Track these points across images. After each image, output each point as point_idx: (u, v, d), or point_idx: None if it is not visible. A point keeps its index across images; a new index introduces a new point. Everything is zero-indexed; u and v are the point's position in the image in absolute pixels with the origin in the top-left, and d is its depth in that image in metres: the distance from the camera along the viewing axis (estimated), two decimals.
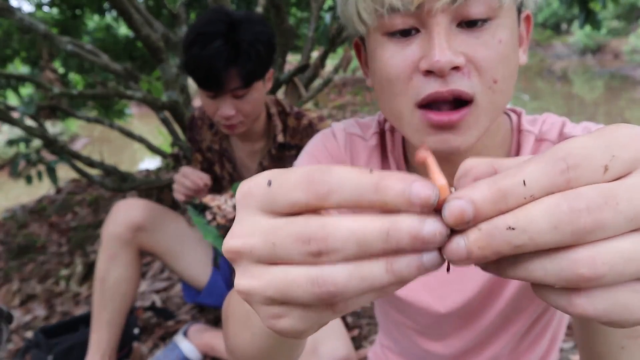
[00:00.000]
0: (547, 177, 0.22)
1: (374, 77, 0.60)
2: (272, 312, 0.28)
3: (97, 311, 1.37)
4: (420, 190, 0.22)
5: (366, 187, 0.23)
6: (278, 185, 0.26)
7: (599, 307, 0.23)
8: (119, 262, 1.36)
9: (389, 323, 0.86)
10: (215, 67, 1.17)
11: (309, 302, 0.25)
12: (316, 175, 0.24)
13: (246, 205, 0.28)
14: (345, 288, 0.24)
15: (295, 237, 0.25)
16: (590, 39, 14.25)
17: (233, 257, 0.28)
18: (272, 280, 0.26)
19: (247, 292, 0.28)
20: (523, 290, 0.67)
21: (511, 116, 0.69)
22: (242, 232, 0.28)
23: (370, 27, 0.56)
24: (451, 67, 0.50)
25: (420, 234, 0.23)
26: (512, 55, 0.55)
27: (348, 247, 0.24)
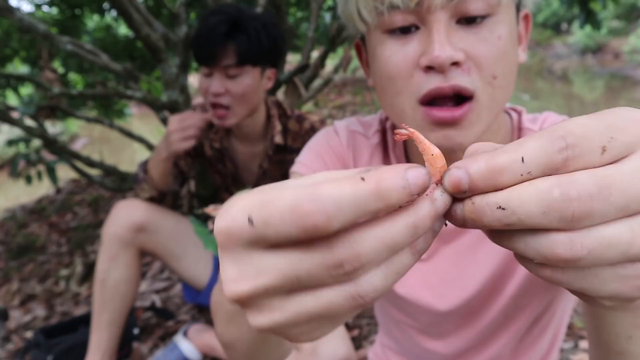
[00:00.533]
0: (546, 155, 0.22)
1: (375, 76, 0.60)
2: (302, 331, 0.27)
3: (97, 312, 1.37)
4: (417, 179, 0.22)
5: (367, 198, 0.22)
6: (262, 223, 0.23)
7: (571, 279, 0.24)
8: (120, 263, 1.36)
9: (389, 322, 0.86)
10: (210, 39, 1.21)
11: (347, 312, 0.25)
12: (305, 207, 0.22)
13: (232, 247, 0.25)
14: (386, 288, 0.24)
15: (323, 265, 0.23)
16: (590, 39, 14.25)
17: (244, 302, 0.26)
18: (301, 309, 0.25)
19: (272, 328, 0.26)
20: (524, 289, 0.67)
21: (512, 115, 0.69)
22: (243, 273, 0.25)
23: (370, 25, 0.56)
24: (451, 62, 0.51)
25: (437, 213, 0.24)
26: (511, 51, 0.55)
27: (381, 255, 0.23)
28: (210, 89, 1.27)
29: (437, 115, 0.53)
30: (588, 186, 0.22)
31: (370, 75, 0.67)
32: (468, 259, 0.69)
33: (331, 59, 3.37)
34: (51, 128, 6.63)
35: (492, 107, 0.55)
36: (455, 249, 0.70)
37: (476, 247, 0.69)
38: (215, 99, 1.27)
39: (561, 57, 14.80)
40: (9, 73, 2.68)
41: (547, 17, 17.85)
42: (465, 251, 0.69)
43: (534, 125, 0.66)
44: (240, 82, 1.27)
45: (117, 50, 3.23)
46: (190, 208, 2.24)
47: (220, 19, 1.22)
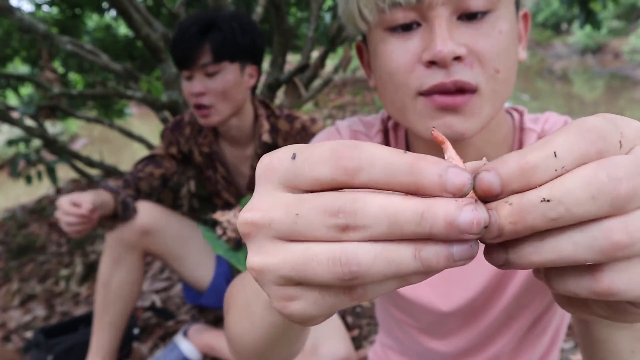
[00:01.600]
0: (579, 148, 0.22)
1: (376, 73, 0.60)
2: (284, 294, 0.26)
3: (99, 314, 1.37)
4: (456, 176, 0.21)
5: (400, 167, 0.22)
6: (303, 159, 0.24)
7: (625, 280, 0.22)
8: (123, 266, 1.36)
9: (390, 321, 0.86)
10: (186, 41, 1.22)
11: (327, 281, 0.24)
12: (345, 150, 0.23)
13: (267, 180, 0.26)
14: (369, 269, 0.23)
15: (322, 208, 0.23)
16: (590, 39, 14.25)
17: (248, 231, 0.26)
18: (289, 256, 0.25)
19: (259, 269, 0.26)
20: (526, 287, 0.67)
21: (513, 115, 0.69)
22: (261, 205, 0.26)
23: (371, 23, 0.57)
24: (453, 57, 0.51)
25: (455, 222, 0.21)
26: (512, 46, 0.55)
27: (378, 224, 0.22)
28: (191, 89, 1.27)
29: (438, 100, 0.53)
30: (630, 165, 0.21)
31: (371, 76, 0.67)
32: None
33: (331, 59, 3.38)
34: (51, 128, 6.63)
35: (495, 101, 0.55)
36: None
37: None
38: (197, 100, 1.28)
39: (561, 57, 14.80)
40: (9, 73, 2.68)
41: (547, 17, 17.85)
42: None
43: (536, 125, 0.66)
44: (220, 79, 1.27)
45: (117, 50, 3.23)
46: (190, 208, 2.24)
47: (194, 22, 1.24)
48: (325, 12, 2.96)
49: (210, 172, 1.50)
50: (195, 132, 1.48)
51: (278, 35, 2.07)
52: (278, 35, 2.07)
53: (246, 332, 0.46)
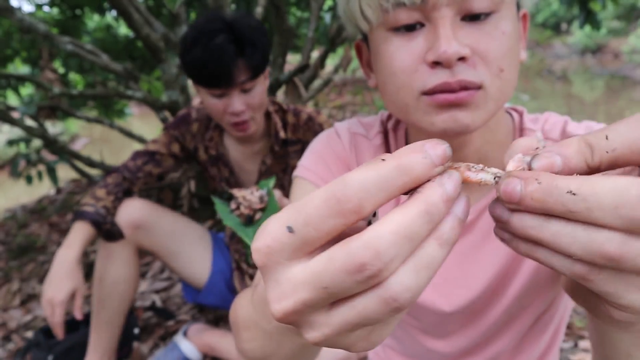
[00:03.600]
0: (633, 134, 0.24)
1: (378, 73, 0.60)
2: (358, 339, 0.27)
3: (96, 311, 1.37)
4: (436, 149, 0.23)
5: (390, 176, 0.23)
6: (303, 225, 0.24)
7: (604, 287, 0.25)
8: (117, 261, 1.36)
9: None
10: (223, 61, 1.17)
11: (388, 316, 0.24)
12: (338, 194, 0.23)
13: (273, 265, 0.25)
14: (419, 286, 0.23)
15: (344, 270, 0.23)
16: (590, 39, 14.25)
17: (292, 320, 0.26)
18: (342, 320, 0.25)
19: (324, 341, 0.26)
20: (528, 288, 0.68)
21: (513, 115, 0.69)
22: (284, 292, 0.25)
23: (373, 23, 0.56)
24: (458, 57, 0.51)
25: (449, 195, 0.23)
26: (515, 46, 0.56)
27: (402, 248, 0.23)
28: (230, 109, 1.24)
29: (441, 97, 0.53)
30: None
31: (370, 76, 0.66)
32: (472, 259, 0.69)
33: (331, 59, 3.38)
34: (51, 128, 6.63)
35: (499, 99, 0.55)
36: (459, 249, 0.70)
37: (480, 247, 0.69)
38: (237, 118, 1.26)
39: (561, 57, 14.80)
40: (10, 73, 2.69)
41: (547, 17, 17.85)
42: (470, 251, 0.69)
43: (536, 125, 0.66)
44: (256, 93, 1.26)
45: (117, 50, 3.23)
46: (190, 208, 2.24)
47: (225, 38, 1.17)
48: (325, 12, 2.96)
49: (215, 171, 1.50)
50: (203, 130, 1.47)
51: (278, 35, 2.07)
52: (278, 35, 2.07)
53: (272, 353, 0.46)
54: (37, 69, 3.13)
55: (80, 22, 3.16)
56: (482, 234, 0.68)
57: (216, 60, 1.17)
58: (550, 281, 0.67)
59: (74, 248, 1.24)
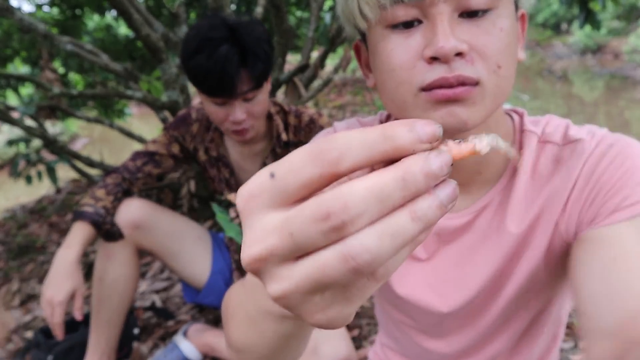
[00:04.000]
0: None
1: (377, 71, 0.60)
2: (316, 307, 0.27)
3: (96, 311, 1.37)
4: (424, 126, 0.23)
5: (374, 139, 0.23)
6: (285, 172, 0.25)
7: None
8: (116, 260, 1.36)
9: (389, 322, 0.86)
10: (227, 72, 1.15)
11: (348, 280, 0.24)
12: (322, 146, 0.24)
13: (252, 210, 0.26)
14: (380, 251, 0.23)
15: (311, 217, 0.23)
16: (590, 39, 14.25)
17: (256, 267, 0.26)
18: (303, 274, 0.25)
19: (283, 296, 0.26)
20: (524, 288, 0.68)
21: (513, 117, 0.69)
22: (255, 238, 0.26)
23: (372, 21, 0.57)
24: (455, 52, 0.51)
25: (430, 170, 0.23)
26: (513, 44, 0.56)
27: (370, 206, 0.23)
28: (232, 118, 1.24)
29: (439, 93, 0.53)
30: None
31: (369, 76, 0.66)
32: (468, 260, 0.69)
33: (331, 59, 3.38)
34: (51, 128, 6.63)
35: (496, 96, 0.56)
36: (456, 249, 0.70)
37: (476, 248, 0.69)
38: (237, 126, 1.26)
39: (561, 57, 14.80)
40: (10, 73, 2.68)
41: (547, 17, 17.84)
42: (466, 252, 0.69)
43: (536, 127, 0.66)
44: (258, 101, 1.25)
45: (117, 50, 3.23)
46: (190, 208, 2.24)
47: (229, 48, 1.15)
48: (325, 12, 2.96)
49: (215, 172, 1.50)
50: (203, 131, 1.46)
51: (278, 35, 2.07)
52: (278, 35, 2.07)
53: (255, 343, 0.46)
54: (37, 69, 3.13)
55: (80, 22, 3.16)
56: (480, 235, 0.68)
57: (219, 71, 1.15)
58: (545, 282, 0.67)
59: (73, 248, 1.24)
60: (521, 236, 0.65)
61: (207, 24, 1.19)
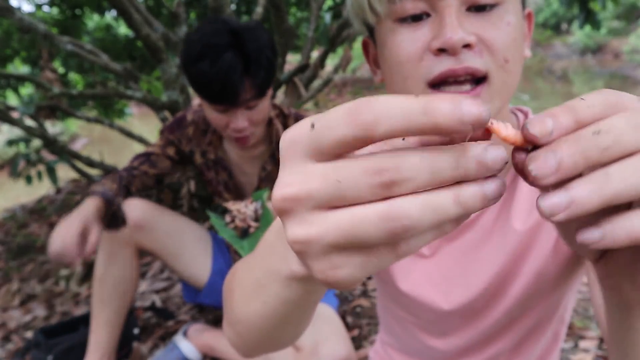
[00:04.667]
0: (601, 95, 0.26)
1: (385, 65, 0.61)
2: (330, 263, 0.26)
3: (96, 311, 1.37)
4: (471, 107, 0.22)
5: (414, 110, 0.22)
6: (322, 125, 0.25)
7: None
8: (118, 262, 1.36)
9: (391, 319, 0.86)
10: (231, 80, 1.13)
11: (378, 240, 0.24)
12: (360, 107, 0.24)
13: (292, 154, 0.26)
14: (419, 220, 0.23)
15: (364, 170, 0.24)
16: (590, 39, 14.25)
17: (286, 206, 0.26)
18: (337, 222, 0.25)
19: (305, 241, 0.26)
20: (530, 290, 0.67)
21: (518, 115, 0.69)
22: (294, 179, 0.26)
23: (381, 15, 0.57)
24: (463, 44, 0.52)
25: (484, 159, 0.23)
26: (520, 39, 0.56)
27: (421, 174, 0.23)
28: (233, 125, 1.23)
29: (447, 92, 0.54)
30: None
31: (377, 72, 0.67)
32: (472, 258, 0.69)
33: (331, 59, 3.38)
34: (51, 128, 6.63)
35: (504, 92, 0.56)
36: (459, 246, 0.70)
37: (480, 245, 0.68)
38: (239, 134, 1.25)
39: (561, 57, 14.80)
40: (10, 73, 2.68)
41: (547, 17, 17.84)
42: (469, 249, 0.69)
43: None
44: (260, 109, 1.24)
45: (117, 50, 3.23)
46: (190, 208, 2.24)
47: (233, 56, 1.13)
48: (325, 12, 2.96)
49: (212, 175, 1.50)
50: (199, 134, 1.46)
51: (278, 35, 2.07)
52: (278, 35, 2.07)
53: (257, 312, 0.45)
54: (37, 69, 3.13)
55: (80, 22, 3.16)
56: (484, 233, 0.68)
57: (223, 79, 1.13)
58: (553, 282, 0.67)
59: (86, 209, 1.25)
60: (527, 234, 0.65)
61: (210, 29, 1.17)
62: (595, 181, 0.23)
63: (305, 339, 1.21)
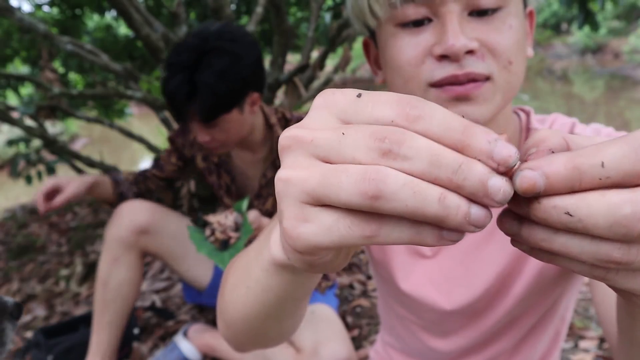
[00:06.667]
0: (629, 162, 0.22)
1: (386, 68, 0.61)
2: (300, 212, 0.26)
3: (99, 313, 1.37)
4: (504, 148, 0.22)
5: (455, 125, 0.23)
6: (369, 98, 0.26)
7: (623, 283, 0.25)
8: (122, 265, 1.36)
9: (392, 319, 0.86)
10: (175, 102, 1.17)
11: (350, 197, 0.24)
12: (411, 100, 0.24)
13: (325, 108, 0.27)
14: (394, 194, 0.23)
15: (370, 131, 0.24)
16: (590, 39, 14.25)
17: (288, 144, 0.27)
18: (320, 171, 0.25)
19: (286, 179, 0.27)
20: (531, 290, 0.67)
21: (520, 115, 0.69)
22: (311, 124, 0.27)
23: (382, 19, 0.57)
24: (465, 50, 0.52)
25: (486, 184, 0.22)
26: (523, 41, 0.56)
27: (420, 159, 0.23)
28: (197, 137, 1.26)
29: (450, 90, 0.54)
30: None
31: (378, 73, 0.67)
32: (473, 258, 0.69)
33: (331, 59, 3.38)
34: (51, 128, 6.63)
35: (507, 92, 0.56)
36: (461, 247, 0.70)
37: (482, 246, 0.68)
38: (204, 145, 1.27)
39: (561, 57, 14.80)
40: (10, 73, 2.68)
41: (547, 18, 17.84)
42: (471, 250, 0.69)
43: (542, 126, 0.66)
44: (221, 129, 1.22)
45: (117, 50, 3.23)
46: (190, 208, 2.24)
47: (181, 81, 1.14)
48: (325, 12, 2.96)
49: (214, 179, 1.50)
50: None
51: (278, 35, 2.07)
52: (278, 35, 2.07)
53: (241, 298, 0.46)
54: (37, 69, 3.13)
55: (80, 22, 3.16)
56: (485, 233, 0.68)
57: (170, 99, 1.18)
58: (554, 281, 0.67)
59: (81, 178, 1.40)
60: None
61: (184, 46, 1.18)
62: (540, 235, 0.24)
63: (306, 340, 1.21)
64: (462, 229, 0.23)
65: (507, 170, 0.23)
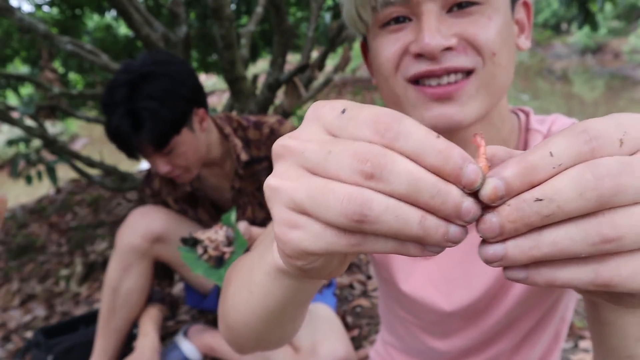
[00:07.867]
0: (574, 147, 0.24)
1: (372, 68, 0.63)
2: (290, 218, 0.28)
3: (106, 318, 1.37)
4: (472, 173, 0.24)
5: (432, 146, 0.24)
6: (350, 117, 0.27)
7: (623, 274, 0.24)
8: (134, 274, 1.35)
9: (393, 319, 0.86)
10: (122, 137, 1.14)
11: (336, 217, 0.25)
12: (387, 119, 0.25)
13: (315, 120, 0.29)
14: (378, 218, 0.24)
15: (354, 152, 0.25)
16: (590, 39, 14.25)
17: (282, 153, 0.29)
18: (309, 184, 0.27)
19: (275, 187, 0.28)
20: (531, 291, 0.67)
21: (519, 115, 0.69)
22: (302, 135, 0.28)
23: (368, 23, 0.59)
24: (441, 49, 0.52)
25: (459, 206, 0.24)
26: (506, 33, 0.56)
27: (400, 183, 0.24)
28: (157, 170, 1.21)
29: (428, 91, 0.55)
30: (614, 165, 0.23)
31: (374, 75, 0.67)
32: (473, 259, 0.69)
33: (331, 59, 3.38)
34: (51, 128, 6.63)
35: (492, 86, 0.55)
36: (460, 248, 0.70)
37: None
38: (169, 175, 1.23)
39: (561, 57, 14.80)
40: (10, 73, 2.69)
41: (547, 18, 17.84)
42: (470, 251, 0.69)
43: (542, 126, 0.66)
44: (178, 154, 1.19)
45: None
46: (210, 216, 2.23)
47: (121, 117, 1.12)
48: (325, 12, 2.96)
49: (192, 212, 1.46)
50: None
51: (278, 35, 2.07)
52: (278, 35, 2.07)
53: (243, 302, 0.46)
54: (37, 69, 3.13)
55: (80, 22, 3.16)
56: None
57: (116, 137, 1.15)
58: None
59: None
60: None
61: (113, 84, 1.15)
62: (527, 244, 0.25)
63: (304, 339, 1.21)
64: (440, 245, 0.25)
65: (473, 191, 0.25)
